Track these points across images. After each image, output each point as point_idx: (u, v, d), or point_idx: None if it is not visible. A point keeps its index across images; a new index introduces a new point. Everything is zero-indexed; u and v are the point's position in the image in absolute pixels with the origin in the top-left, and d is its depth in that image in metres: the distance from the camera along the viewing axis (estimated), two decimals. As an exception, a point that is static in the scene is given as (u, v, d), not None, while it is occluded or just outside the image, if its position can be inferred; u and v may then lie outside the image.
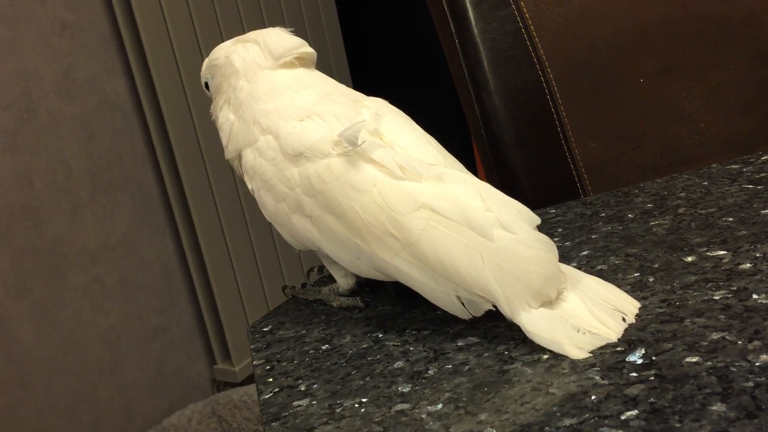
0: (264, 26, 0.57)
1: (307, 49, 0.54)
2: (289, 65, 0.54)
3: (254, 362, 0.47)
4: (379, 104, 0.52)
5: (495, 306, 0.43)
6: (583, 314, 0.42)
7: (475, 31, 0.70)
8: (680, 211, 0.59)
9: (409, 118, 0.52)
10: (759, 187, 0.61)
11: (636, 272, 0.49)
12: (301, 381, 0.43)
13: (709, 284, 0.46)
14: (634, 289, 0.47)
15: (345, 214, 0.46)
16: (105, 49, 1.72)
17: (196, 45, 1.77)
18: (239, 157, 0.53)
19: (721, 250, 0.50)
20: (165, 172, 1.79)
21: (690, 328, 0.41)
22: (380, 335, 0.47)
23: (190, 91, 1.77)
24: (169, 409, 1.83)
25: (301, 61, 0.54)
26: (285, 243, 2.00)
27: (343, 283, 0.52)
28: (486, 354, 0.42)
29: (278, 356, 0.47)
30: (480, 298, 0.43)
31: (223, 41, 0.56)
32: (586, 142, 0.69)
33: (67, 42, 1.65)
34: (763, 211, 0.55)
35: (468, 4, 0.70)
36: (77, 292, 1.66)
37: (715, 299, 0.44)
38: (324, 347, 0.47)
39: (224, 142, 0.54)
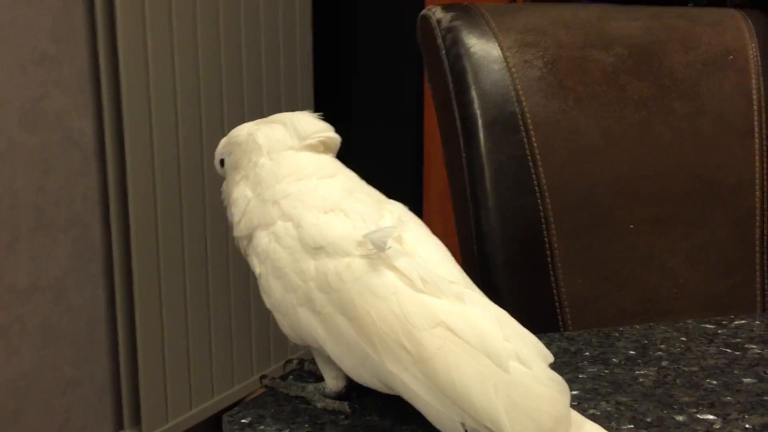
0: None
1: (332, 134, 0.54)
2: (313, 148, 0.53)
3: (234, 459, 0.44)
4: (401, 209, 0.51)
5: (498, 439, 0.42)
6: (587, 463, 0.41)
7: (483, 150, 0.71)
8: (663, 364, 0.60)
9: (428, 228, 0.52)
10: (737, 353, 0.62)
11: (629, 423, 0.49)
12: (288, 490, 0.40)
13: (705, 449, 0.46)
14: (630, 442, 0.46)
15: (358, 318, 0.44)
16: (79, 87, 1.69)
17: (173, 100, 1.75)
18: (250, 236, 0.51)
19: (711, 414, 0.51)
20: (114, 220, 1.73)
21: (693, 495, 0.40)
22: (370, 449, 0.45)
23: (159, 145, 1.74)
24: (62, 472, 1.70)
25: (325, 146, 0.54)
26: (221, 321, 1.94)
27: (332, 384, 0.50)
28: (486, 490, 0.40)
29: (260, 456, 0.44)
30: (486, 429, 0.41)
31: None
32: (573, 277, 0.70)
33: (44, 73, 1.61)
34: (745, 379, 0.57)
35: (480, 124, 0.72)
36: (-7, 330, 1.55)
37: (713, 467, 0.44)
38: (310, 454, 0.44)
39: (236, 218, 0.52)
